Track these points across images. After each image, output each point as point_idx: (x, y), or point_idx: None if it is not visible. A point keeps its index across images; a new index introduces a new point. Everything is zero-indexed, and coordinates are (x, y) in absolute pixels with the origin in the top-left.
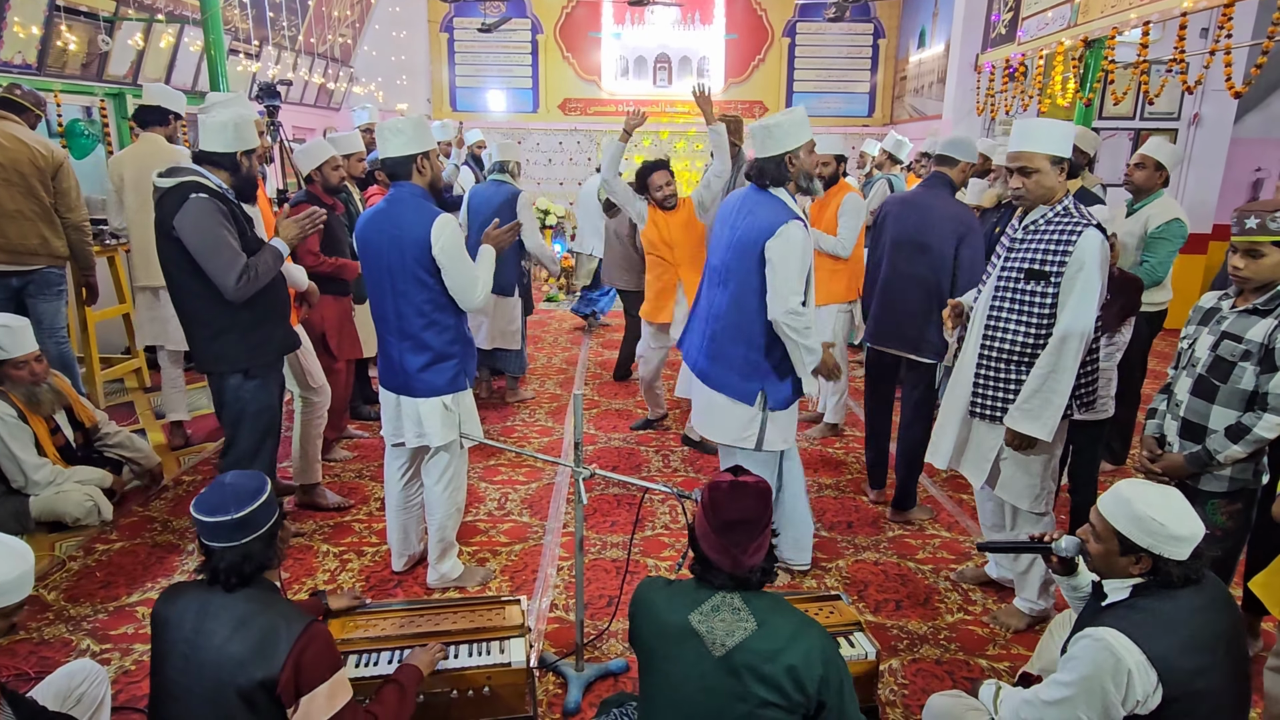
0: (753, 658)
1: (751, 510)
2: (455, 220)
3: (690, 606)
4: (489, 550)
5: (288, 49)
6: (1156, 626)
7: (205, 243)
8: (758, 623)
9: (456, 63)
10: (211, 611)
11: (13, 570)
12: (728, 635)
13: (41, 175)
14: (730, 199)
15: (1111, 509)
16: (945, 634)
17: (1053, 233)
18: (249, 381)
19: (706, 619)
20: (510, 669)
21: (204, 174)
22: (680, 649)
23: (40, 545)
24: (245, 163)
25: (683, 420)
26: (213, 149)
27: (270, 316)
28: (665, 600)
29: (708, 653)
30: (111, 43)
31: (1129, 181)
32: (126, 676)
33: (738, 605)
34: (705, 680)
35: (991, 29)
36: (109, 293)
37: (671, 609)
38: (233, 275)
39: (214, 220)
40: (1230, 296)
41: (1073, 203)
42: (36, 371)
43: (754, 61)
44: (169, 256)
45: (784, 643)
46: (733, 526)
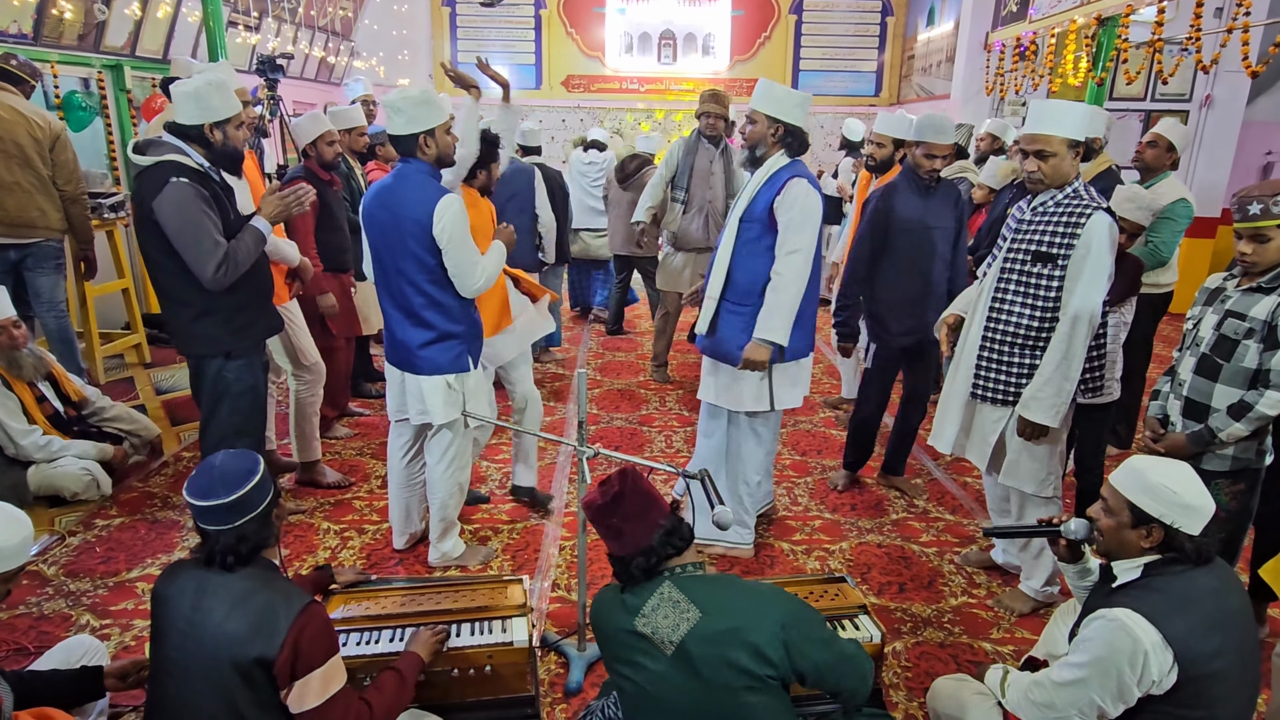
0: (704, 646)
1: (630, 508)
2: (459, 201)
3: (634, 611)
4: (490, 529)
5: (288, 22)
6: (1172, 606)
7: (184, 230)
8: (700, 610)
9: (458, 38)
10: (210, 589)
11: (12, 536)
12: (673, 630)
13: (39, 147)
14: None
15: (1124, 481)
16: (949, 617)
17: (1061, 215)
18: (231, 363)
19: (649, 620)
20: (512, 648)
21: (184, 149)
22: (634, 654)
23: (39, 519)
24: (217, 135)
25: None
26: (180, 121)
27: (254, 299)
28: (610, 610)
29: (660, 653)
30: (108, 12)
31: (1139, 159)
32: (126, 652)
33: (677, 598)
34: (667, 681)
35: (1002, 6)
36: (108, 267)
37: (615, 618)
38: (211, 265)
39: (193, 207)
40: (1235, 276)
41: (1082, 185)
42: (15, 336)
43: (760, 39)
44: (147, 237)
45: (735, 621)
46: (605, 512)
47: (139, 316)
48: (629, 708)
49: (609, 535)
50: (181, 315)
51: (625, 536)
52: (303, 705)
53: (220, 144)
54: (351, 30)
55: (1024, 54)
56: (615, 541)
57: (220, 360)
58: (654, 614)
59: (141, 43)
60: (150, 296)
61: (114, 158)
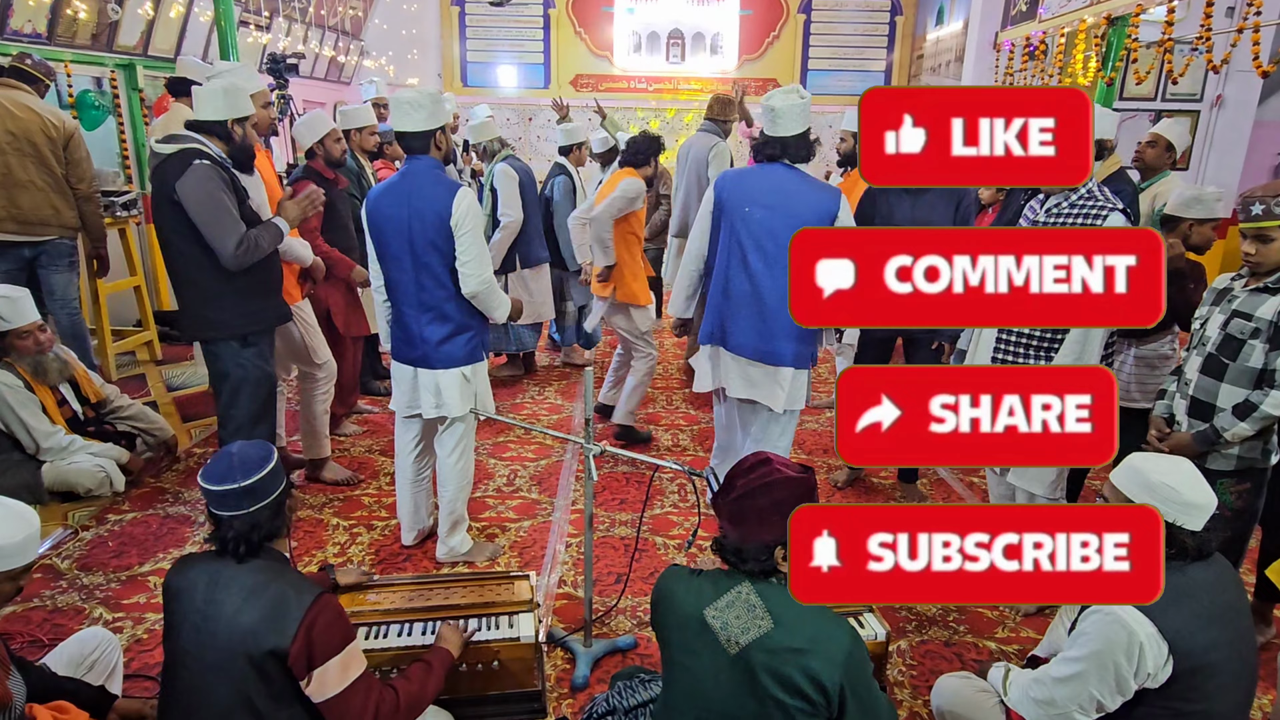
0: (768, 658)
1: (781, 491)
2: (473, 194)
3: (708, 600)
4: (498, 526)
5: (298, 21)
6: (1167, 599)
7: (207, 208)
8: (774, 621)
9: (468, 37)
10: (222, 582)
11: (18, 533)
12: (742, 633)
13: (53, 145)
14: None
15: (1124, 479)
16: (954, 616)
17: (1076, 216)
18: (246, 349)
19: (721, 614)
20: (519, 644)
21: (204, 142)
22: (698, 642)
23: (53, 514)
24: (239, 131)
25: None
26: (205, 117)
27: (266, 285)
28: (684, 591)
29: (722, 649)
30: (121, 12)
31: (1139, 159)
32: (139, 645)
33: (754, 602)
34: (720, 676)
35: (1012, 5)
36: (120, 265)
37: (688, 601)
38: (232, 241)
39: (216, 186)
40: (1243, 277)
41: (1097, 186)
42: (41, 340)
43: (768, 38)
44: (166, 222)
45: (803, 643)
46: (742, 501)
47: (150, 314)
48: (674, 694)
49: (736, 512)
50: (196, 300)
51: (750, 525)
52: (324, 693)
53: (240, 139)
54: (361, 30)
55: (1033, 54)
56: (739, 525)
57: (235, 346)
58: (727, 610)
59: (154, 42)
60: (162, 294)
61: (126, 156)
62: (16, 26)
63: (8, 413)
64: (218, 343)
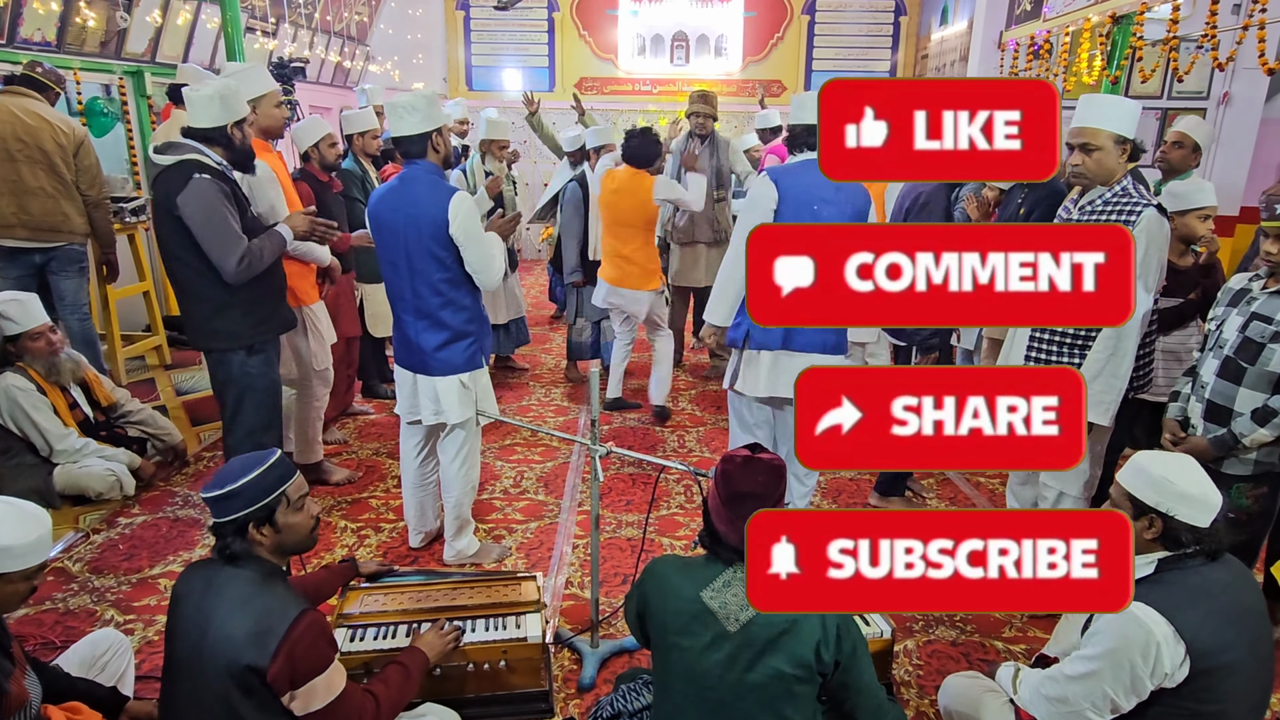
0: (770, 631)
1: (762, 485)
2: (470, 198)
3: (702, 583)
4: (505, 528)
5: (304, 27)
6: (1183, 599)
7: (209, 225)
8: None
9: (472, 41)
10: (213, 590)
11: (30, 533)
12: (741, 609)
13: (63, 152)
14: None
15: (1128, 476)
16: (961, 615)
17: (1111, 214)
18: (253, 357)
19: (719, 594)
20: (526, 644)
21: (203, 150)
22: (696, 624)
23: (64, 517)
24: (237, 134)
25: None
26: (202, 124)
27: (271, 292)
28: (678, 577)
29: (723, 628)
30: (129, 19)
31: (1164, 160)
32: (150, 646)
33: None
34: (721, 655)
35: (1016, 5)
36: (129, 270)
37: (685, 585)
38: (233, 258)
39: (217, 201)
40: (1261, 278)
41: (1131, 183)
42: (53, 341)
43: (772, 40)
44: (169, 234)
45: (800, 615)
46: (742, 499)
47: (160, 318)
48: (672, 677)
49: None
50: (201, 311)
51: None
52: (309, 707)
53: (240, 142)
54: (367, 34)
55: (1038, 53)
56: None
57: (242, 355)
58: (724, 590)
59: (161, 49)
60: (170, 299)
61: (135, 162)
62: (26, 35)
63: (21, 415)
64: (224, 352)
